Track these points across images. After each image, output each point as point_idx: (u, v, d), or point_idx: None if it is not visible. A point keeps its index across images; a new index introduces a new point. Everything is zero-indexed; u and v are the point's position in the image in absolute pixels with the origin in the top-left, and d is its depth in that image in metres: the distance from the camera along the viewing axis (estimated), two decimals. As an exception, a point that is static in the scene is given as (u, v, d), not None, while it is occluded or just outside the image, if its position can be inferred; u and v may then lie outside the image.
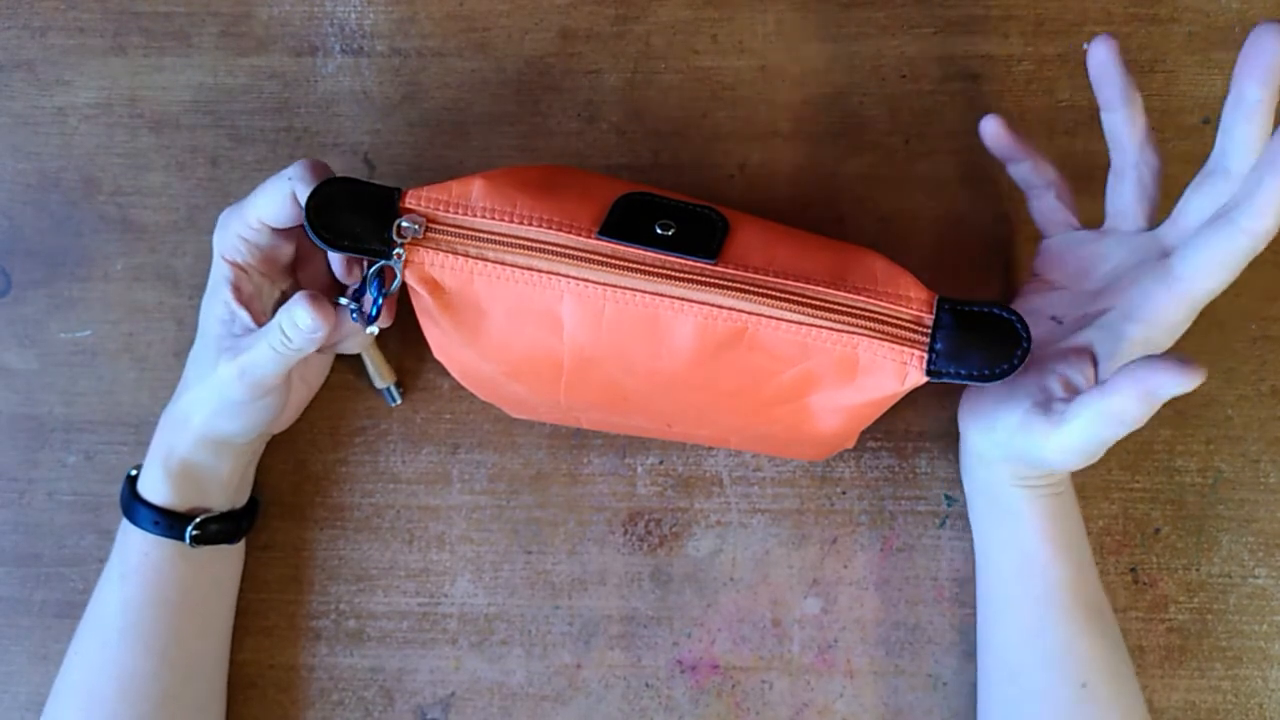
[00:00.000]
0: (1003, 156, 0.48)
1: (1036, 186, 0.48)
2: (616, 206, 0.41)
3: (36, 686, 0.51)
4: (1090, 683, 0.44)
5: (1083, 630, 0.44)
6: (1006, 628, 0.46)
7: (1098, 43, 0.43)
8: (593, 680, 0.51)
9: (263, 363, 0.44)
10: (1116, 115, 0.44)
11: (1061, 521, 0.45)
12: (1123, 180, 0.44)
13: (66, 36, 0.54)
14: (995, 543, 0.47)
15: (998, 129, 0.47)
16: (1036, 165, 0.47)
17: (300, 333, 0.42)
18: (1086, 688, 0.44)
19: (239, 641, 0.51)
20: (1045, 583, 0.45)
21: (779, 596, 0.51)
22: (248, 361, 0.44)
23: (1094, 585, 0.46)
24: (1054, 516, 0.45)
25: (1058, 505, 0.45)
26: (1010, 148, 0.47)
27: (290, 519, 0.52)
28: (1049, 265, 0.47)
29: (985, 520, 0.48)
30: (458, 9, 0.54)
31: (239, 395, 0.45)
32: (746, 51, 0.53)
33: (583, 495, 0.52)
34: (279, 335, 0.43)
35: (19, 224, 0.53)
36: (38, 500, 0.52)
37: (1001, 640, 0.47)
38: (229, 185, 0.53)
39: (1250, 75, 0.38)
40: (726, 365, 0.40)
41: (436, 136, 0.53)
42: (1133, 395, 0.35)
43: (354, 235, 0.40)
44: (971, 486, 0.49)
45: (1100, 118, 0.44)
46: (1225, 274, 0.38)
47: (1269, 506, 0.51)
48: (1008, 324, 0.39)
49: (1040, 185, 0.47)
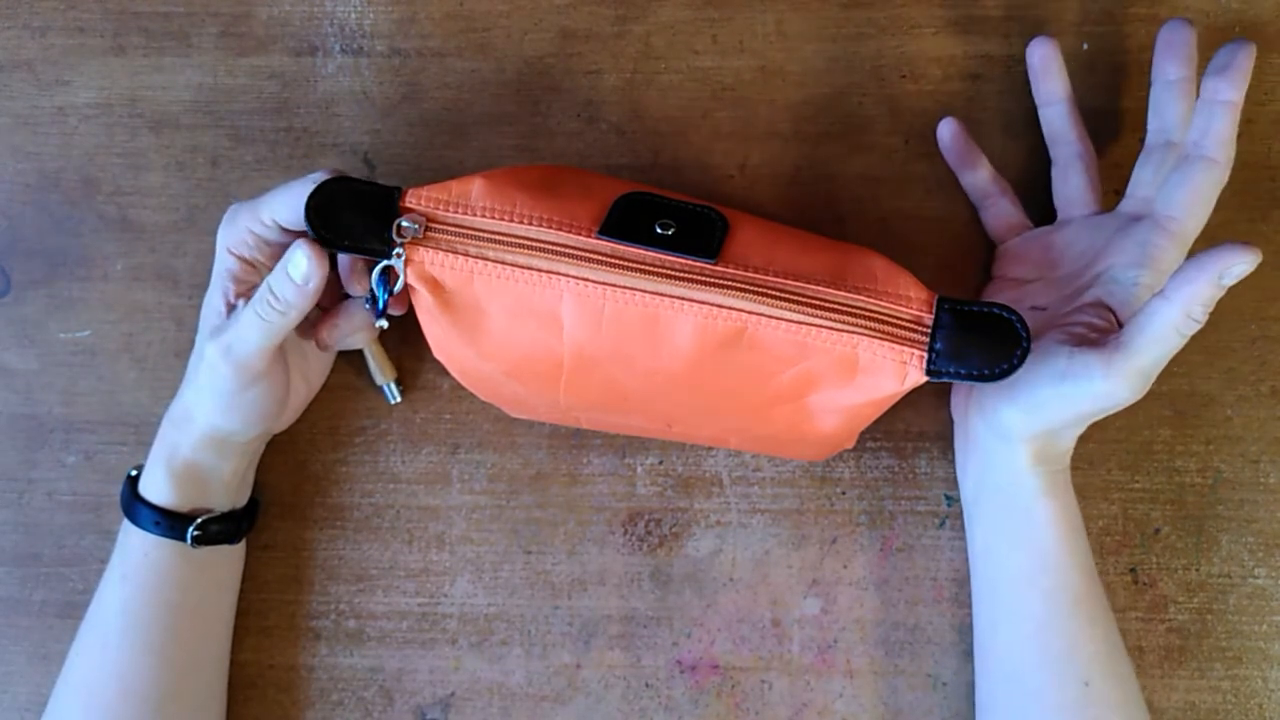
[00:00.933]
0: (957, 163, 0.51)
1: (991, 195, 0.50)
2: (616, 206, 0.41)
3: (36, 687, 0.51)
4: (1093, 681, 0.44)
5: (1087, 628, 0.45)
6: (1010, 627, 0.46)
7: (1039, 42, 0.49)
8: (592, 680, 0.51)
9: (247, 336, 0.43)
10: (1057, 109, 0.49)
11: (1070, 516, 0.46)
12: (1070, 171, 0.49)
13: (66, 36, 0.54)
14: (1004, 544, 0.47)
15: (955, 132, 0.50)
16: (990, 173, 0.50)
17: (291, 284, 0.41)
18: (1089, 686, 0.44)
19: (239, 641, 0.51)
20: (1055, 582, 0.45)
21: (779, 596, 0.51)
22: (233, 337, 0.43)
23: (1097, 583, 0.46)
24: (1065, 509, 0.45)
25: (1066, 497, 0.46)
26: (965, 154, 0.50)
27: (290, 519, 0.52)
28: (1012, 265, 0.49)
29: (993, 521, 0.47)
30: (457, 9, 0.54)
31: (228, 380, 0.44)
32: (746, 51, 0.53)
33: (582, 495, 0.52)
34: (265, 296, 0.42)
35: (18, 224, 0.53)
36: (37, 500, 0.52)
37: (1004, 640, 0.46)
38: (229, 185, 0.53)
39: (1170, 58, 0.46)
40: (726, 365, 0.40)
41: (436, 136, 0.53)
42: (1205, 282, 0.37)
43: (354, 234, 0.40)
44: (978, 485, 0.48)
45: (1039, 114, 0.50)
46: (1205, 206, 0.44)
47: (1269, 507, 0.51)
48: (1008, 323, 0.39)
49: (994, 194, 0.50)
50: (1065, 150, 0.49)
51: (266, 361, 0.44)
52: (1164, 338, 0.39)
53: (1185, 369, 0.51)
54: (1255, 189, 0.52)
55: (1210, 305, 0.38)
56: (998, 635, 0.47)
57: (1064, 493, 0.46)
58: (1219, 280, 0.37)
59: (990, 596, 0.48)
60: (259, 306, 0.42)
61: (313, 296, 0.42)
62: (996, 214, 0.50)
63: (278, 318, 0.42)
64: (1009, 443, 0.45)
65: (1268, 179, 0.52)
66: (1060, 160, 0.49)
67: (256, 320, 0.42)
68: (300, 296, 0.42)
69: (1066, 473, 0.46)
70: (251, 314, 0.42)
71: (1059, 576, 0.45)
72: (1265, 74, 0.52)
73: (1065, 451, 0.46)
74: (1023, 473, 0.45)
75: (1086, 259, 0.46)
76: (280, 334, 0.43)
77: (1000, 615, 0.47)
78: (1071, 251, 0.47)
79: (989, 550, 0.48)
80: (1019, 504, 0.46)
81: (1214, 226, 0.51)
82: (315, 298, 0.42)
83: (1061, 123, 0.49)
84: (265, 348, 0.43)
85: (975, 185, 0.51)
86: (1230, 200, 0.51)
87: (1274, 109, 0.52)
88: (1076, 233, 0.47)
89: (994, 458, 0.47)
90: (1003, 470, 0.46)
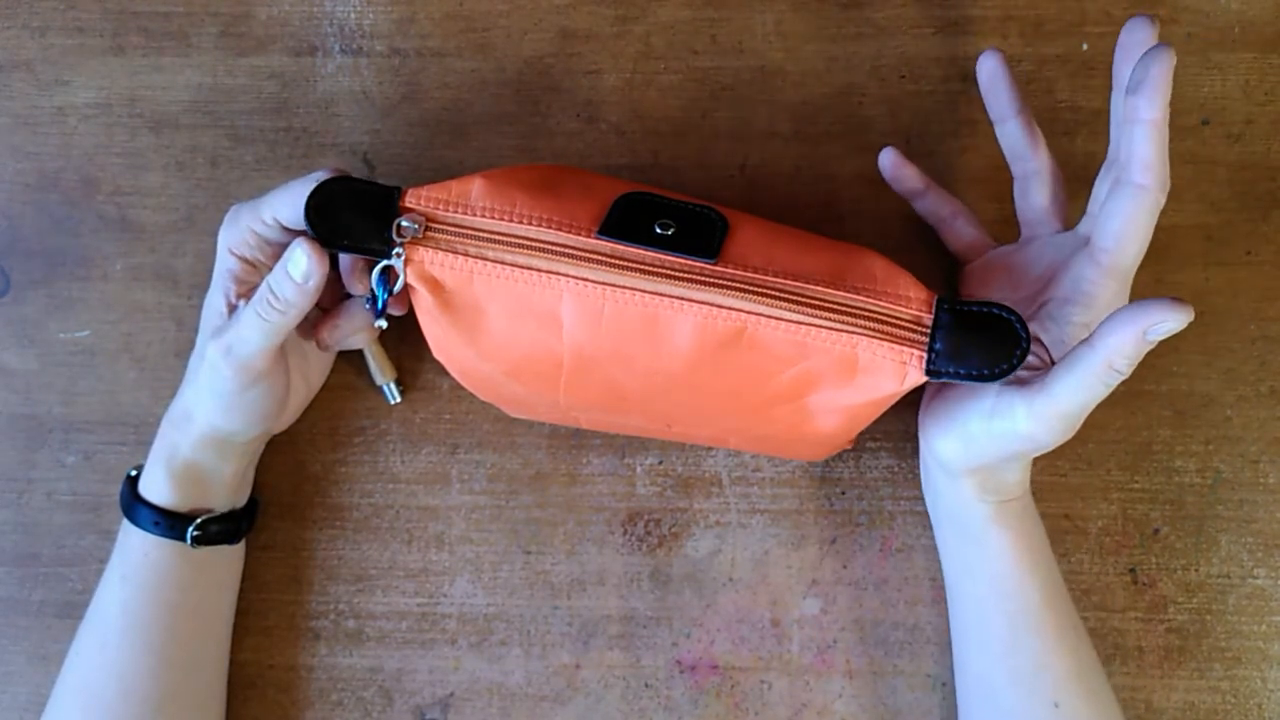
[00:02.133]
0: (904, 190, 0.49)
1: (945, 218, 0.49)
2: (616, 206, 0.41)
3: (36, 687, 0.51)
4: (1062, 703, 0.43)
5: (1053, 649, 0.44)
6: (979, 648, 0.46)
7: (986, 56, 0.46)
8: (592, 680, 0.51)
9: (248, 336, 0.43)
10: (1011, 125, 0.46)
11: (1027, 540, 0.45)
12: (1030, 187, 0.46)
13: (65, 36, 0.54)
14: (962, 568, 0.47)
15: (894, 161, 0.48)
16: (939, 195, 0.49)
17: (291, 283, 0.41)
18: (1059, 708, 0.43)
19: (238, 641, 0.51)
20: (1015, 604, 0.44)
21: (778, 597, 0.51)
22: (234, 337, 0.43)
23: (1064, 602, 0.45)
24: (1019, 536, 0.44)
25: (1021, 524, 0.45)
26: (909, 179, 0.48)
27: (290, 519, 0.52)
28: (977, 285, 0.48)
29: (952, 545, 0.47)
30: (457, 9, 0.54)
31: (228, 381, 0.44)
32: (746, 52, 0.53)
33: (582, 495, 0.52)
34: (265, 296, 0.42)
35: (18, 224, 0.53)
36: (36, 500, 0.52)
37: (974, 660, 0.46)
38: (228, 185, 0.53)
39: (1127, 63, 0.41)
40: (726, 365, 0.40)
41: (436, 136, 0.53)
42: (1130, 337, 0.36)
43: (354, 234, 0.40)
44: (936, 511, 0.48)
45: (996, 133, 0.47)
46: (1140, 236, 0.41)
47: (1268, 507, 0.51)
48: (1007, 323, 0.38)
49: (947, 216, 0.49)
50: (1021, 166, 0.46)
51: (268, 362, 0.44)
52: (1087, 386, 0.37)
53: (1185, 369, 0.51)
54: (1255, 189, 0.52)
55: (1135, 359, 0.36)
56: (969, 655, 0.47)
57: (1017, 520, 0.45)
58: (1144, 336, 0.35)
59: (958, 616, 0.47)
60: (259, 306, 0.42)
61: (313, 295, 0.42)
62: (956, 236, 0.49)
63: (278, 317, 0.42)
64: (951, 474, 0.45)
65: (1267, 179, 0.52)
66: (1019, 177, 0.47)
67: (257, 320, 0.42)
68: (300, 295, 0.42)
69: (1023, 500, 0.45)
70: (252, 314, 0.42)
71: (1018, 600, 0.44)
72: (1265, 75, 0.52)
73: (1014, 484, 0.44)
74: (970, 503, 0.44)
75: (1044, 282, 0.44)
76: (281, 334, 0.43)
77: (969, 636, 0.47)
78: (1031, 274, 0.45)
79: (950, 572, 0.48)
80: (971, 532, 0.45)
81: (1214, 227, 0.51)
82: (315, 296, 0.42)
83: (1017, 139, 0.46)
84: (266, 348, 0.43)
85: (927, 210, 0.49)
86: (1230, 201, 0.52)
87: (1274, 109, 0.52)
88: (1039, 252, 0.46)
89: (942, 487, 0.46)
90: (952, 499, 0.46)
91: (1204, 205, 0.52)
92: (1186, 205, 0.51)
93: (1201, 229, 0.51)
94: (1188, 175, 0.51)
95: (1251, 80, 0.52)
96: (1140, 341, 0.36)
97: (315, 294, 0.42)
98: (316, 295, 0.42)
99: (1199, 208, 0.51)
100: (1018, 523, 0.45)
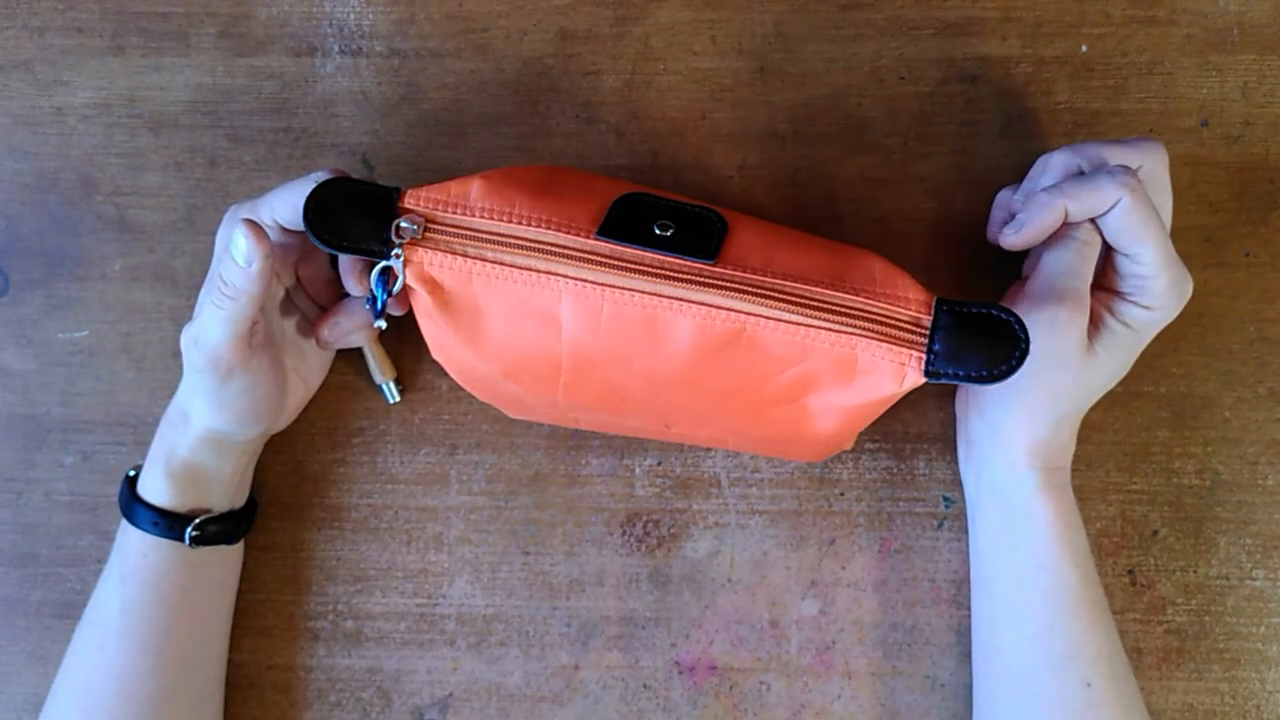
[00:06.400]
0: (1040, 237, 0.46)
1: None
2: (615, 207, 0.41)
3: (34, 687, 0.51)
4: (1095, 683, 0.44)
5: (1089, 629, 0.45)
6: (1012, 628, 0.46)
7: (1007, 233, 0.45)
8: (590, 681, 0.51)
9: (208, 326, 0.42)
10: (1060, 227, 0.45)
11: (1066, 518, 0.45)
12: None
13: (65, 36, 0.54)
14: (1003, 544, 0.47)
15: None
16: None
17: (237, 268, 0.41)
18: (1091, 688, 0.44)
19: (237, 642, 0.51)
20: (1053, 582, 0.45)
21: (777, 598, 0.51)
22: (197, 329, 0.43)
23: (1097, 585, 0.46)
24: (1060, 511, 0.45)
25: (1062, 498, 0.46)
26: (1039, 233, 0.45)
27: (288, 519, 0.52)
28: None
29: (992, 524, 0.47)
30: (457, 10, 0.54)
31: (202, 373, 0.44)
32: (745, 52, 0.53)
33: (581, 496, 0.52)
34: (216, 283, 0.42)
35: (17, 224, 0.53)
36: (35, 500, 0.52)
37: (1007, 641, 0.46)
38: (227, 185, 0.53)
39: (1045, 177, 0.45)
40: (725, 366, 0.40)
41: (435, 137, 0.53)
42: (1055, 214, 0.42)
43: (353, 235, 0.40)
44: (978, 488, 0.48)
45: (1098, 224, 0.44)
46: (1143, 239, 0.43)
47: (1267, 509, 0.51)
48: (1006, 325, 0.39)
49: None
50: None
51: (236, 352, 0.43)
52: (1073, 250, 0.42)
53: (1183, 370, 0.51)
54: (1254, 191, 0.52)
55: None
56: (1000, 636, 0.47)
57: (1062, 494, 0.46)
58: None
59: (991, 597, 0.48)
60: (212, 294, 0.42)
61: (260, 279, 0.41)
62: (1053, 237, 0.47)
63: (230, 304, 0.42)
64: (1004, 445, 0.45)
65: (1266, 180, 0.52)
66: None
67: (213, 309, 0.42)
68: (246, 279, 0.41)
69: (1065, 473, 0.46)
70: (209, 303, 0.42)
71: (1057, 577, 0.45)
72: (1264, 76, 0.52)
73: (1062, 449, 0.46)
74: (1019, 473, 0.45)
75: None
76: (240, 322, 0.42)
77: (1002, 616, 0.47)
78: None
79: (989, 550, 0.48)
80: (1017, 504, 0.46)
81: (1213, 229, 0.51)
82: (265, 281, 0.41)
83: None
84: (229, 336, 0.42)
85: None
86: (1229, 202, 0.51)
87: (1273, 111, 0.52)
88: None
89: (990, 458, 0.47)
90: (1000, 470, 0.46)
91: (1203, 207, 0.52)
92: (1185, 207, 0.51)
93: (1200, 230, 0.51)
94: (1186, 177, 0.51)
95: (1250, 82, 0.52)
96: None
97: (263, 278, 0.41)
98: (265, 280, 0.41)
99: (1198, 209, 0.51)
100: (1061, 495, 0.45)
